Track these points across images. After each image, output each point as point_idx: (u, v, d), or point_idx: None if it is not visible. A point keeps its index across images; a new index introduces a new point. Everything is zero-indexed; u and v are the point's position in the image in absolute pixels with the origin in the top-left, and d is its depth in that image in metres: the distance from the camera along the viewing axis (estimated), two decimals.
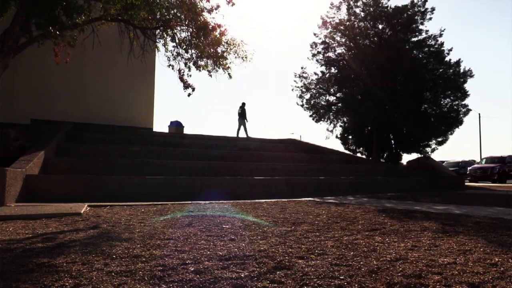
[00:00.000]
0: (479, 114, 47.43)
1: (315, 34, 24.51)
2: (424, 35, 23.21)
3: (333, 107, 24.62)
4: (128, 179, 9.12)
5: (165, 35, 10.16)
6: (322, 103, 24.75)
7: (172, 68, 10.51)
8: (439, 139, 23.97)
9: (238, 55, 10.50)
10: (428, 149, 24.51)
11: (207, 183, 10.02)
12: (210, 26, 9.81)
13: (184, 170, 11.07)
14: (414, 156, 24.43)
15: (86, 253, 3.43)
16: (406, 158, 43.58)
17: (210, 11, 10.06)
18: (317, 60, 24.72)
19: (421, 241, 4.22)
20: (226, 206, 7.49)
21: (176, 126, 20.64)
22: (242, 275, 2.82)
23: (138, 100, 17.38)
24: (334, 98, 24.71)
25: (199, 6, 9.83)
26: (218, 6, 10.14)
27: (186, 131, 20.59)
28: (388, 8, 23.07)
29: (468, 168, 27.96)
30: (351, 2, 23.40)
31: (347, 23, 23.54)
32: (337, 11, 23.91)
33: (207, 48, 9.92)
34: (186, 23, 9.95)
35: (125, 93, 16.99)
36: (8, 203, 6.84)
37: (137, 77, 16.71)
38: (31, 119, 14.73)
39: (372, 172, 15.30)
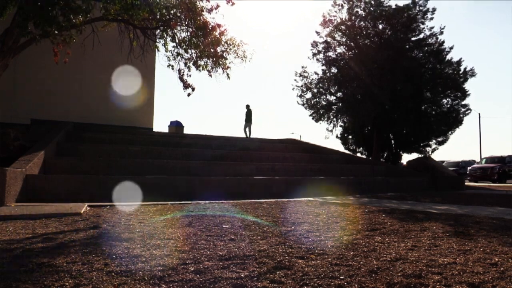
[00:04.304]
0: (479, 114, 47.44)
1: (317, 33, 24.47)
2: (424, 33, 23.17)
3: (333, 106, 24.58)
4: (128, 179, 9.11)
5: (165, 35, 10.15)
6: (323, 102, 24.70)
7: (172, 68, 10.50)
8: (439, 139, 23.93)
9: (237, 55, 10.49)
10: (428, 149, 24.47)
11: (207, 183, 10.02)
12: (210, 26, 9.80)
13: (184, 170, 11.07)
14: (414, 156, 24.41)
15: (86, 253, 3.43)
16: (406, 158, 43.62)
17: (210, 10, 10.05)
18: (317, 59, 24.67)
19: (421, 241, 4.22)
20: (226, 206, 7.49)
21: (176, 126, 20.64)
22: (242, 275, 2.82)
23: (138, 100, 17.37)
24: (335, 98, 24.67)
25: (198, 6, 9.82)
26: (218, 6, 10.12)
27: (186, 131, 20.61)
28: (389, 8, 23.03)
29: (468, 168, 27.96)
30: (354, 2, 23.33)
31: (348, 22, 23.50)
32: (340, 10, 23.84)
33: (207, 48, 9.91)
34: (186, 23, 9.94)
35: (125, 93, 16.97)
36: (8, 203, 6.84)
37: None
38: (31, 119, 14.72)
39: (372, 172, 15.30)
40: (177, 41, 10.14)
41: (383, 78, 21.52)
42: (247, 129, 20.55)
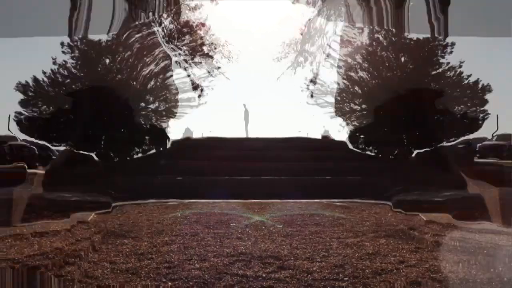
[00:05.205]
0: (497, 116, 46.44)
1: (329, 45, 24.34)
2: (443, 68, 23.20)
3: (357, 112, 24.47)
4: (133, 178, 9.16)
5: None
6: (346, 109, 24.55)
7: None
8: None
9: (223, 55, 10.47)
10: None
11: (212, 183, 10.03)
12: (194, 25, 9.78)
13: (185, 170, 11.08)
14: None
15: (91, 250, 3.46)
16: None
17: (193, 9, 10.04)
18: (338, 72, 24.48)
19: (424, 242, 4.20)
20: (232, 205, 7.51)
21: None
22: (248, 274, 2.84)
23: None
24: (358, 107, 24.56)
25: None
26: (201, 5, 10.10)
27: None
28: (411, 41, 22.95)
29: (478, 145, 27.14)
30: (375, 27, 23.10)
31: (369, 48, 23.29)
32: (360, 33, 23.60)
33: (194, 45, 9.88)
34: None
35: None
36: (14, 223, 6.75)
37: None
38: None
39: (381, 172, 15.09)
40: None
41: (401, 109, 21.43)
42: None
